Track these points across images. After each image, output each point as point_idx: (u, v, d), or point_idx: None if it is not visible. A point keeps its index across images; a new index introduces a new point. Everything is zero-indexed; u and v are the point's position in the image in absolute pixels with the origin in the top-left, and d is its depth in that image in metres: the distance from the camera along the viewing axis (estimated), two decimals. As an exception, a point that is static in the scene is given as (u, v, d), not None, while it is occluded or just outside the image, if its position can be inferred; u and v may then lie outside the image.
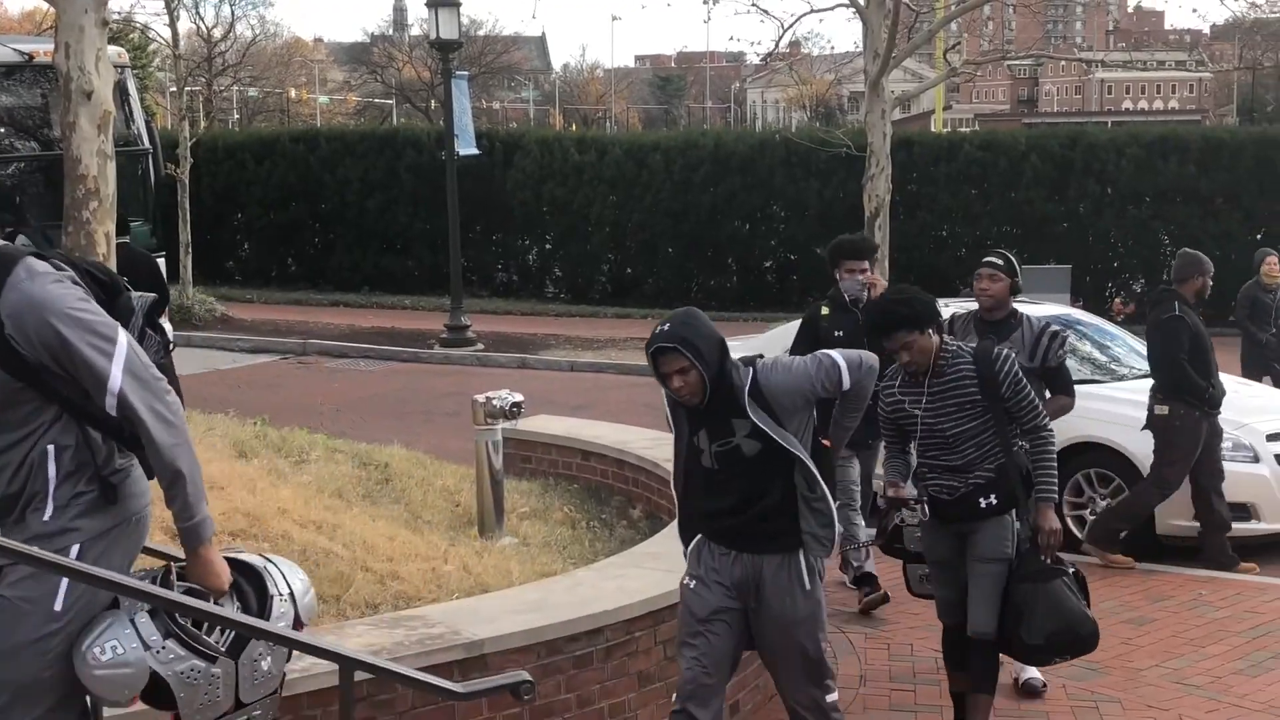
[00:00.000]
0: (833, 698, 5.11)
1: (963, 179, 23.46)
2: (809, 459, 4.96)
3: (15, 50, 13.48)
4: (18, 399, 3.56)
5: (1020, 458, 5.97)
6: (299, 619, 3.94)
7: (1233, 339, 13.77)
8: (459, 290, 20.81)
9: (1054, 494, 5.93)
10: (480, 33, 72.28)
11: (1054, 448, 5.95)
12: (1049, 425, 5.98)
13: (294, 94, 69.06)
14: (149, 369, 3.63)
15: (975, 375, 5.86)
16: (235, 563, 3.93)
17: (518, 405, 7.74)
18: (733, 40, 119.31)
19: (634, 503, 8.68)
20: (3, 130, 13.95)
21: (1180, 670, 7.24)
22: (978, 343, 6.26)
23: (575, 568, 6.81)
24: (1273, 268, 13.17)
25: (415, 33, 75.93)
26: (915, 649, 7.47)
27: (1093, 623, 5.95)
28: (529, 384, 14.97)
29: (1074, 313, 12.05)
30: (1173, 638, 7.78)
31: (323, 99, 73.83)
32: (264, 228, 27.76)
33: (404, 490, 7.65)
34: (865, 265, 8.03)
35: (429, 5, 20.85)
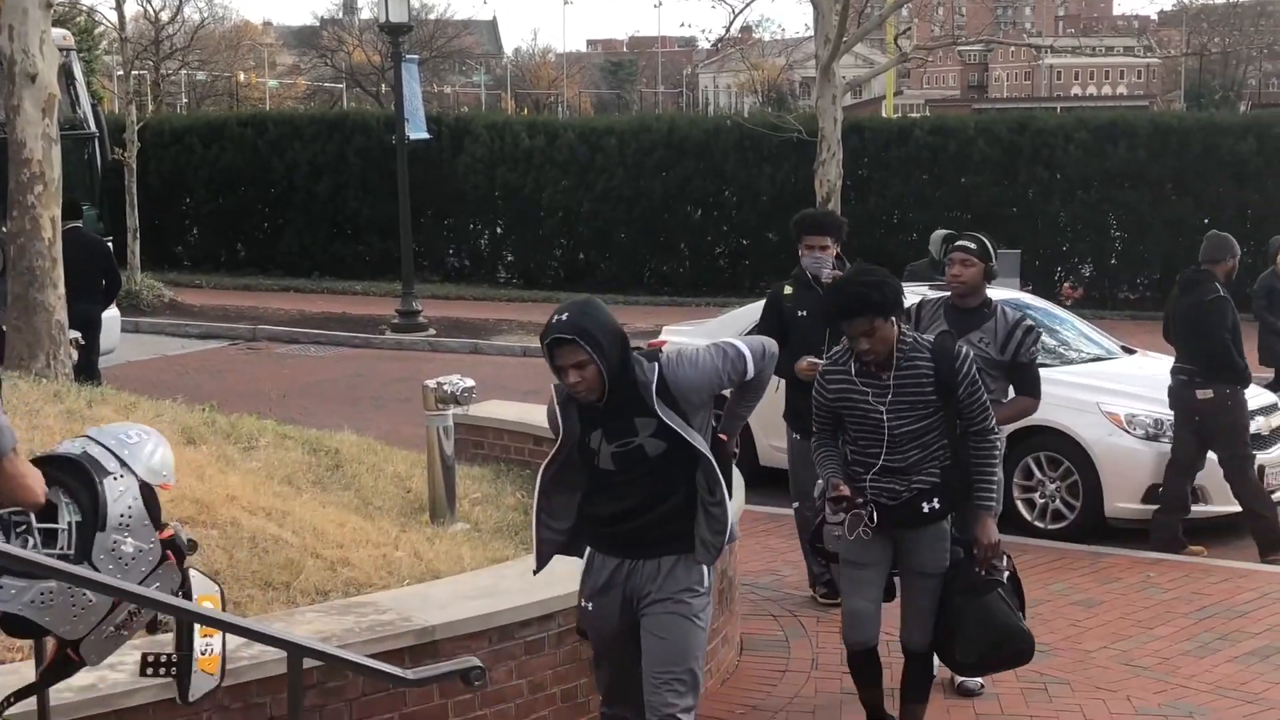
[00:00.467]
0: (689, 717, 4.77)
1: (913, 164, 23.53)
2: (714, 459, 4.72)
3: (-42, 32, 13.27)
4: None
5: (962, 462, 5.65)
6: (147, 485, 3.74)
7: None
8: (410, 275, 20.71)
9: (994, 503, 5.63)
10: (431, 16, 71.91)
11: (999, 453, 5.69)
12: (996, 429, 5.65)
13: (243, 78, 68.50)
14: None
15: (932, 372, 5.48)
16: (55, 460, 3.74)
17: (469, 390, 7.70)
18: (684, 25, 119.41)
19: (586, 488, 8.66)
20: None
21: (1129, 652, 7.30)
22: (936, 335, 5.87)
23: (527, 553, 6.78)
24: None
25: (365, 16, 75.42)
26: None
27: (1027, 637, 5.76)
28: (481, 369, 14.92)
29: (1024, 297, 12.10)
30: (1121, 619, 7.84)
31: (272, 83, 73.28)
32: (212, 212, 27.54)
33: (355, 476, 7.60)
34: (826, 241, 7.68)
35: (379, -12, 20.70)
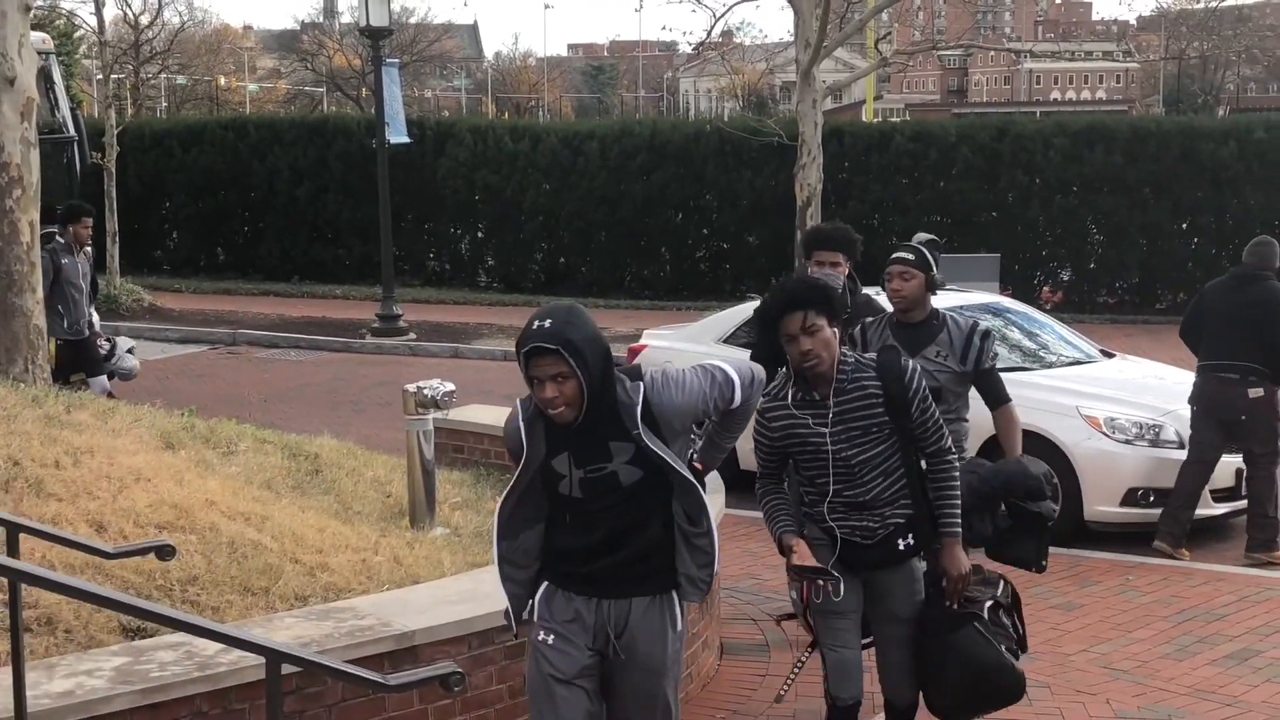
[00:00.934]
0: None
1: (894, 169, 23.57)
2: (701, 487, 4.35)
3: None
4: None
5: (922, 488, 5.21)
6: None
7: (1168, 327, 13.87)
8: (390, 279, 20.68)
9: (959, 527, 5.16)
10: (412, 20, 71.89)
11: (958, 473, 5.21)
12: (953, 448, 5.20)
13: (223, 82, 68.35)
14: None
15: (880, 391, 5.00)
16: None
17: (449, 395, 7.68)
18: (665, 29, 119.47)
19: (566, 492, 8.65)
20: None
21: (1108, 655, 7.32)
22: (880, 351, 5.28)
23: (507, 558, 6.77)
24: None
25: (346, 20, 75.43)
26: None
27: (1011, 672, 5.28)
28: (462, 373, 14.91)
29: (1003, 301, 12.15)
30: (1100, 623, 7.87)
31: (252, 87, 73.16)
32: (192, 216, 27.46)
33: (334, 481, 7.58)
34: (838, 258, 7.08)
35: (359, -8, 20.68)
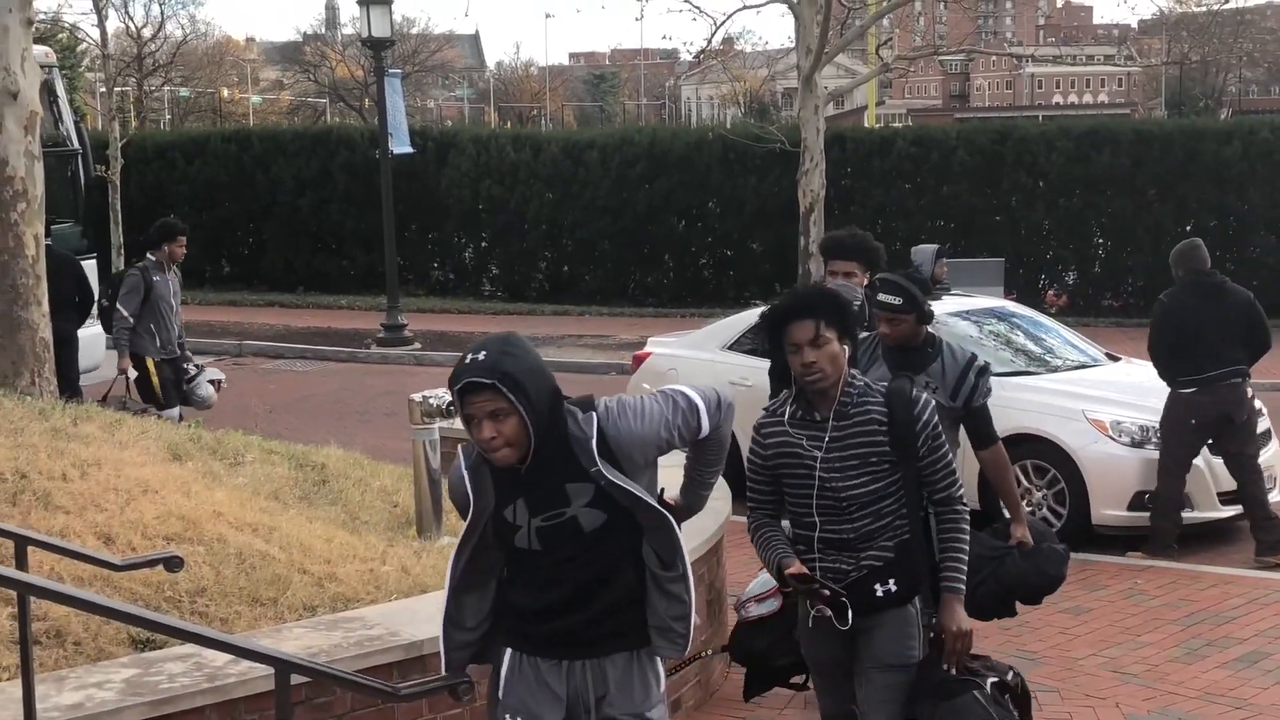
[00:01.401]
0: None
1: (896, 174, 23.57)
2: (677, 526, 3.89)
3: (-61, 50, 13.24)
4: None
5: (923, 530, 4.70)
6: None
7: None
8: (395, 289, 20.70)
9: (964, 584, 4.64)
10: (413, 31, 72.00)
11: (968, 524, 4.70)
12: (964, 496, 4.72)
13: (226, 94, 68.46)
14: None
15: (886, 422, 4.54)
16: None
17: (455, 404, 7.69)
18: (666, 38, 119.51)
19: (573, 500, 8.65)
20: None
21: (1117, 659, 7.31)
22: (891, 379, 4.80)
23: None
24: None
25: (348, 31, 75.48)
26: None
27: None
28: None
29: (1008, 305, 12.15)
30: (1109, 627, 7.85)
31: (255, 98, 73.24)
32: (196, 228, 27.14)
33: (341, 491, 7.58)
34: (853, 267, 6.71)
35: (361, 3, 20.71)
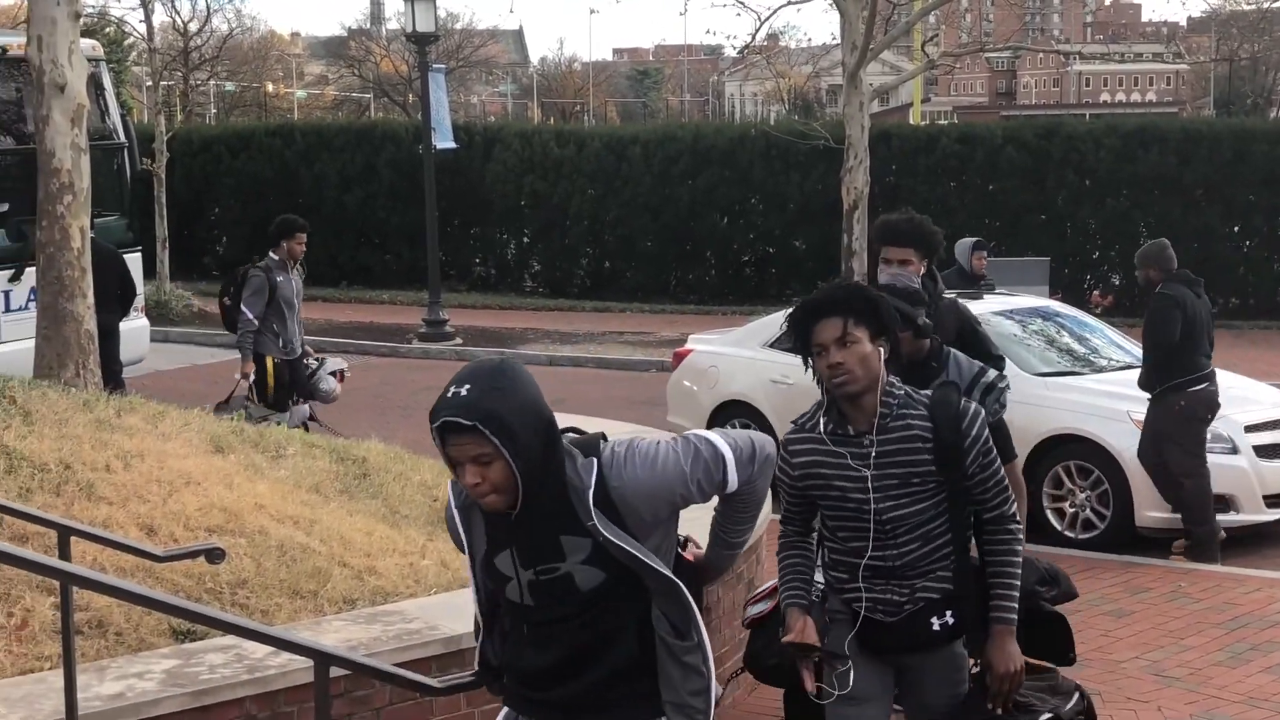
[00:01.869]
0: None
1: (941, 171, 23.47)
2: (686, 590, 3.41)
3: (-12, 44, 13.37)
4: None
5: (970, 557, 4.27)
6: None
7: (1219, 331, 13.71)
8: (437, 284, 20.75)
9: (1015, 614, 4.19)
10: (457, 26, 72.10)
11: (1021, 546, 4.27)
12: (1018, 514, 4.29)
13: (271, 88, 68.80)
14: None
15: (931, 436, 4.10)
16: None
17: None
18: (710, 33, 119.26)
19: (613, 496, 8.64)
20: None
21: (1160, 662, 7.25)
22: (936, 386, 4.41)
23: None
24: None
25: (392, 26, 75.78)
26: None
27: None
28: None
29: (1053, 304, 12.08)
30: (1152, 630, 7.79)
31: (300, 93, 73.54)
32: (240, 222, 27.64)
33: (382, 485, 7.60)
34: (909, 254, 6.22)
35: (406, -2, 20.76)
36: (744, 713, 6.52)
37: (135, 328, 13.50)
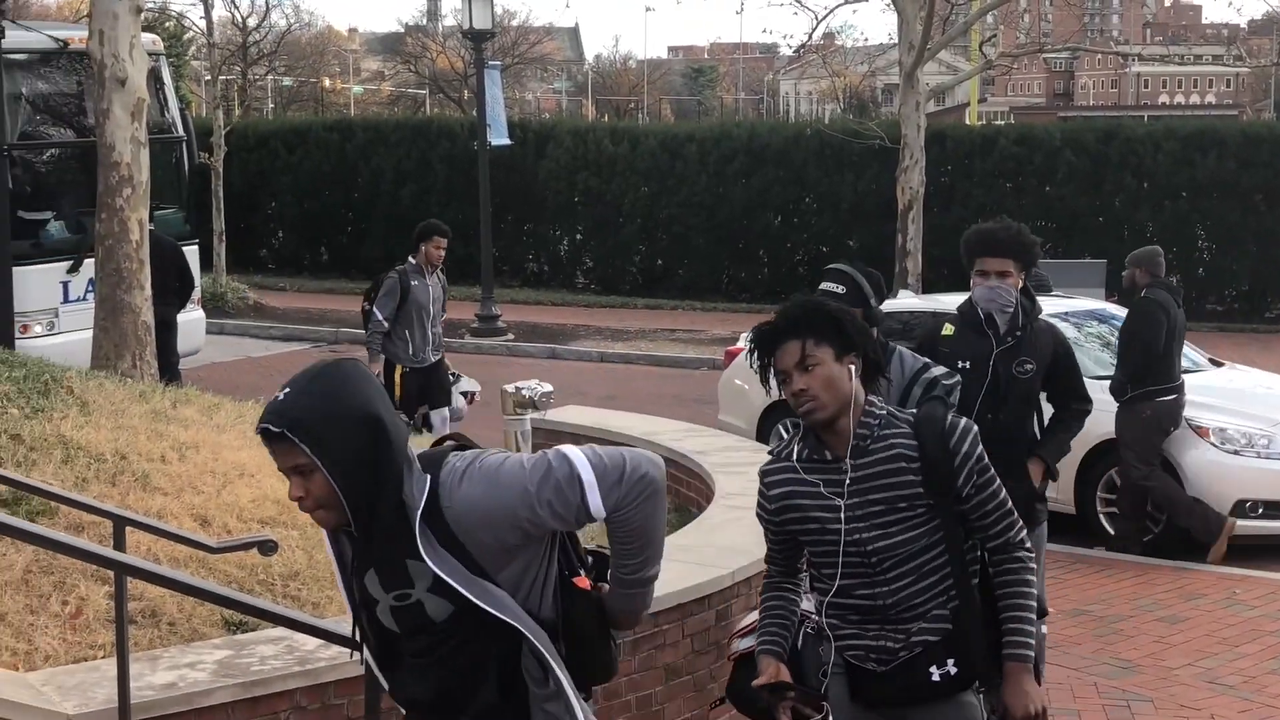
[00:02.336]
0: None
1: (997, 173, 23.30)
2: (535, 632, 3.06)
3: (51, 37, 13.54)
4: None
5: (976, 593, 3.78)
6: None
7: (1278, 336, 13.62)
8: (490, 280, 20.82)
9: (1032, 650, 3.75)
10: (513, 23, 72.24)
11: (1033, 576, 3.81)
12: (1028, 540, 3.85)
13: (328, 84, 69.20)
14: None
15: (917, 456, 3.68)
16: None
17: (547, 395, 7.72)
18: (766, 32, 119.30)
19: (663, 494, 8.63)
20: (39, 117, 14.01)
21: (1213, 669, 7.18)
22: (922, 403, 4.16)
23: (604, 559, 6.78)
24: None
25: (449, 23, 75.98)
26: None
27: None
28: (559, 374, 14.95)
29: (1109, 307, 11.99)
30: (1206, 636, 7.72)
31: (356, 89, 73.96)
32: (296, 216, 27.82)
33: (433, 479, 7.63)
34: (1007, 265, 5.81)
35: (463, -5, 20.83)
36: None
37: (191, 320, 13.63)
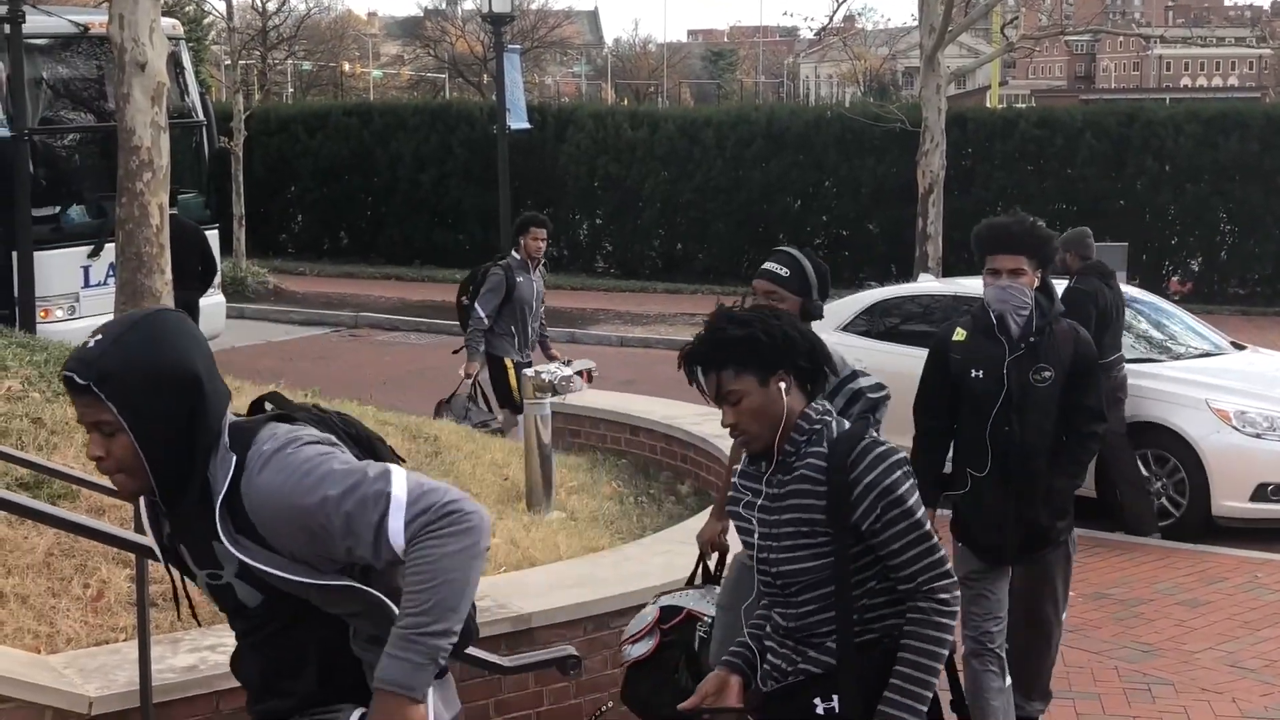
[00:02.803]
0: None
1: (1018, 156, 23.22)
2: (380, 605, 2.80)
3: (71, 22, 13.56)
4: None
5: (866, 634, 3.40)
6: None
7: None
8: (510, 264, 20.81)
9: (907, 715, 3.31)
10: (533, 6, 72.17)
11: (945, 632, 3.34)
12: (949, 586, 3.36)
13: (347, 68, 69.24)
14: None
15: (824, 480, 3.34)
16: None
17: (567, 379, 7.72)
18: (786, 15, 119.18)
19: (682, 478, 8.66)
20: (60, 102, 14.05)
21: (1235, 653, 7.16)
22: (854, 420, 3.79)
23: (623, 543, 6.79)
24: None
25: (468, 6, 75.88)
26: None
27: None
28: (578, 358, 14.92)
29: (1131, 290, 11.92)
30: (1227, 620, 7.69)
31: (376, 73, 73.99)
32: (316, 201, 27.86)
33: (453, 463, 7.64)
34: (1020, 263, 5.30)
35: (482, -22, 20.80)
36: None
37: (212, 304, 13.66)
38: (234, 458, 2.69)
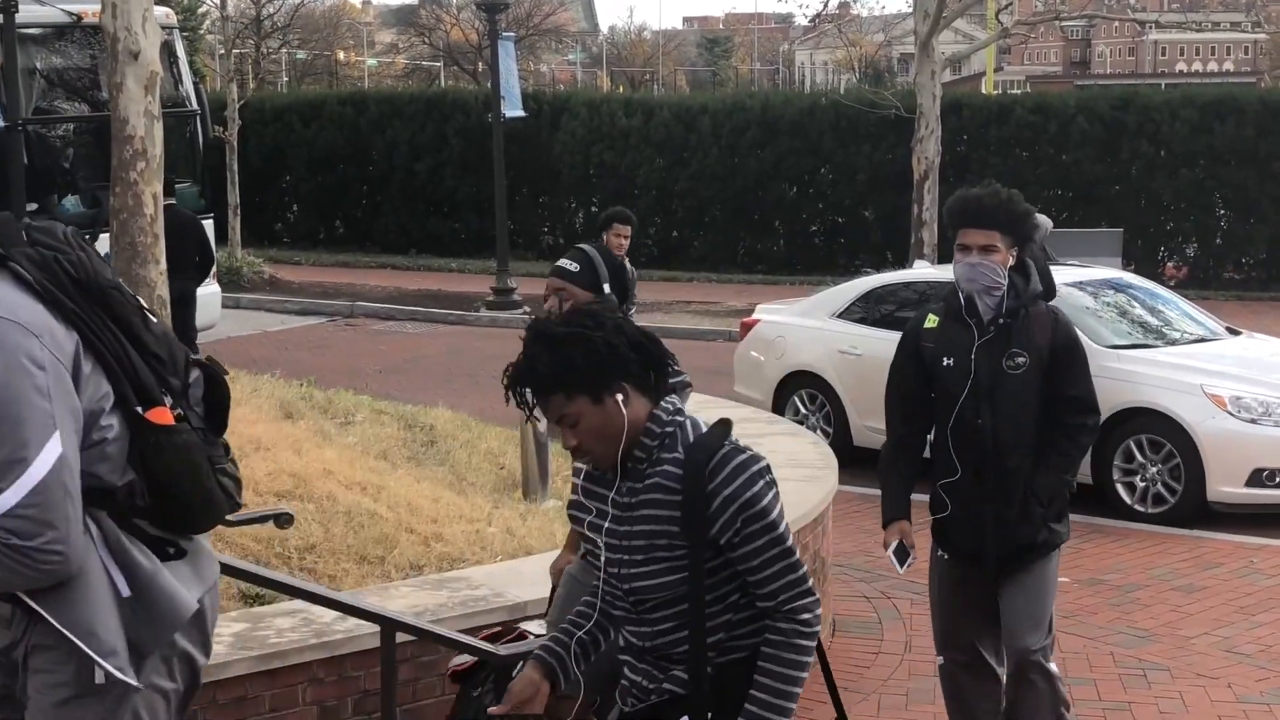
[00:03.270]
0: None
1: (1013, 142, 23.23)
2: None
3: (64, 11, 13.53)
4: None
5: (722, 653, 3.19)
6: None
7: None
8: (505, 253, 20.79)
9: None
10: (528, -6, 72.06)
11: (801, 654, 3.12)
12: (811, 605, 3.13)
13: (342, 57, 69.15)
14: None
15: (678, 490, 3.11)
16: None
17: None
18: (781, 1, 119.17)
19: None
20: (53, 92, 14.03)
21: (1230, 638, 7.17)
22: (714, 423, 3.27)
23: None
24: None
25: (463, -6, 75.82)
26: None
27: None
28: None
29: (1125, 276, 11.93)
30: (1223, 605, 7.70)
31: (371, 61, 73.89)
32: (311, 190, 27.85)
33: (449, 452, 7.65)
34: (993, 238, 4.82)
35: (476, -34, 20.77)
36: None
37: (208, 294, 13.65)
38: None
